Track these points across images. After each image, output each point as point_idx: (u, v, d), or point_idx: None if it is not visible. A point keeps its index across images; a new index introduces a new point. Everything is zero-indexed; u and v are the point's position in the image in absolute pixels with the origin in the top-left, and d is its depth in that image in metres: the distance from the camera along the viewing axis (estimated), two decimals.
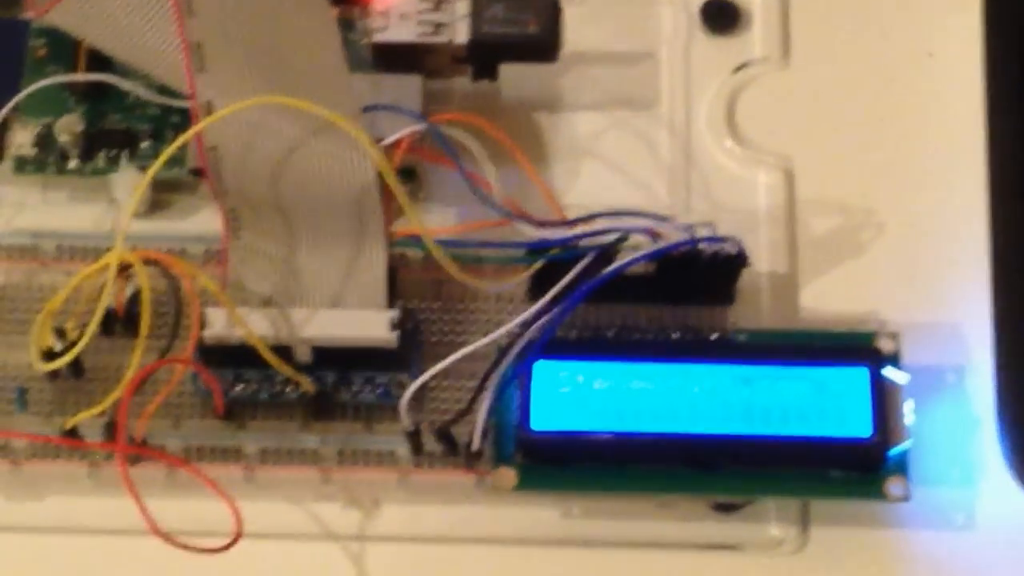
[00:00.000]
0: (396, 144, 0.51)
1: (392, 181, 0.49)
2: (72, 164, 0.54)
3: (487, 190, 0.50)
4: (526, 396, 0.50)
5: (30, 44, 0.56)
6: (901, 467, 0.50)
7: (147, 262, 0.49)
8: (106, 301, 0.49)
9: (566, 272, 0.50)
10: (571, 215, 0.51)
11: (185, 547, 0.47)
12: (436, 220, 0.54)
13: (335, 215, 0.50)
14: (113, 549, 0.50)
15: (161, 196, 0.55)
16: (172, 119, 0.55)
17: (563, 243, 0.50)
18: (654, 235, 0.50)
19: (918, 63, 0.57)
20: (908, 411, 0.50)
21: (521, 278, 0.51)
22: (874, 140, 0.56)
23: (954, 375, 0.53)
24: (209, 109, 0.49)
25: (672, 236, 0.50)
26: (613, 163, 0.56)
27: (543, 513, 0.51)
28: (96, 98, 0.55)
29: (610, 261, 0.50)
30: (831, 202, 0.55)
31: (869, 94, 0.56)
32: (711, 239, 0.50)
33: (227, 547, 0.47)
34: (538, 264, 0.51)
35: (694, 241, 0.50)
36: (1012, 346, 0.53)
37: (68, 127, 0.54)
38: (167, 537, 0.47)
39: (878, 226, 0.55)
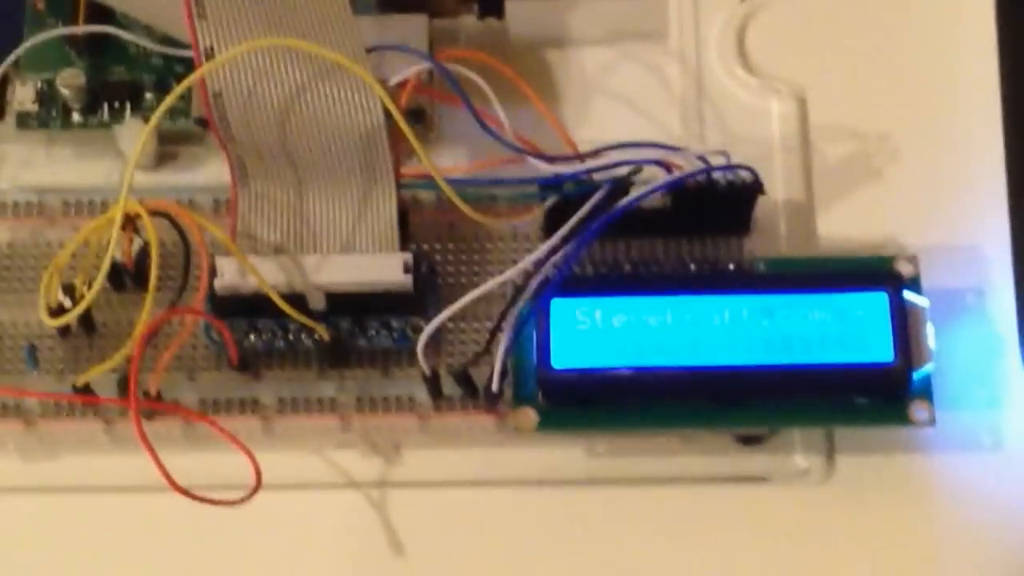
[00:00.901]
0: (403, 84, 0.50)
1: (400, 121, 0.48)
2: (76, 118, 0.54)
3: (497, 128, 0.50)
4: (544, 335, 0.49)
5: None
6: (925, 391, 0.49)
7: (154, 214, 0.49)
8: (112, 253, 0.48)
9: (580, 207, 0.49)
10: (583, 150, 0.51)
11: (205, 500, 0.46)
12: (447, 160, 0.53)
13: (343, 159, 0.49)
14: (132, 506, 0.50)
15: (167, 148, 0.54)
16: (176, 69, 0.54)
17: (576, 178, 0.50)
18: (668, 166, 0.50)
19: None
20: (930, 334, 0.49)
21: (535, 215, 0.51)
22: (886, 64, 0.55)
23: (974, 296, 0.52)
24: (210, 56, 0.48)
25: (686, 166, 0.50)
26: (624, 97, 0.55)
27: (567, 453, 0.51)
28: (97, 50, 0.54)
29: (624, 194, 0.49)
30: (845, 128, 0.54)
31: (880, 16, 0.56)
32: (725, 168, 0.50)
33: (247, 499, 0.47)
34: (551, 200, 0.50)
35: (708, 170, 0.49)
36: None
37: (70, 81, 0.53)
38: (185, 492, 0.46)
39: (893, 150, 0.54)
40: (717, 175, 0.50)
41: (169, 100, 0.48)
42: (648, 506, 0.50)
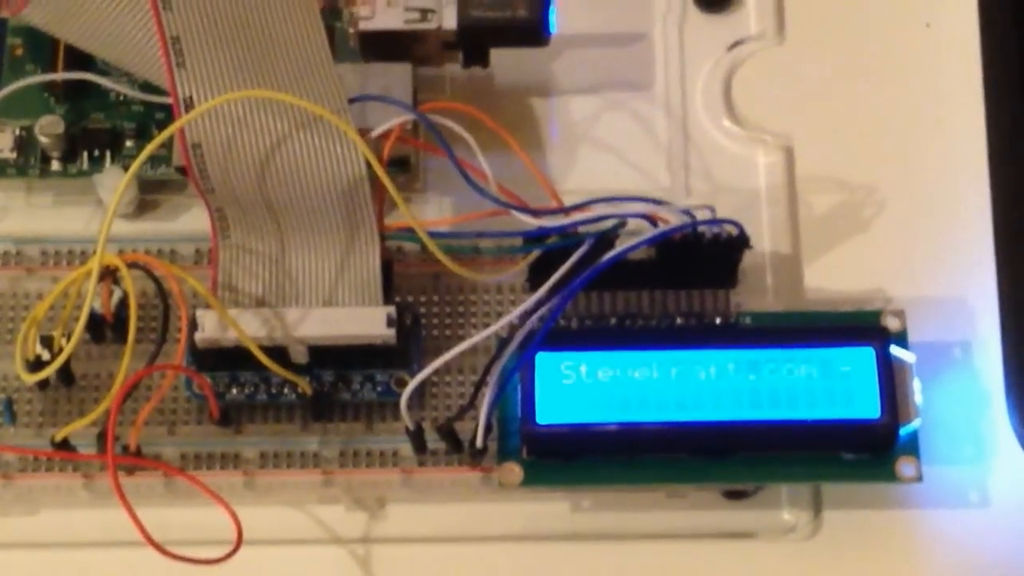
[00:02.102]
0: (386, 135, 0.50)
1: (381, 174, 0.48)
2: (55, 166, 0.53)
3: (481, 180, 0.49)
4: (529, 389, 0.49)
5: (7, 43, 0.54)
6: (912, 447, 0.49)
7: (133, 265, 0.48)
8: (89, 307, 0.48)
9: (565, 260, 0.49)
10: (569, 201, 0.50)
11: (183, 560, 0.46)
12: (433, 210, 0.53)
13: (326, 210, 0.49)
14: (113, 562, 0.49)
15: (148, 196, 0.53)
16: (157, 116, 0.53)
17: (561, 231, 0.49)
18: (653, 220, 0.49)
19: (915, 34, 0.56)
20: (916, 390, 0.49)
21: (519, 268, 0.50)
22: (873, 114, 0.55)
23: (961, 350, 0.52)
24: (189, 105, 0.48)
25: (672, 220, 0.49)
26: (610, 147, 0.55)
27: (552, 508, 0.50)
28: (77, 97, 0.54)
29: (609, 247, 0.49)
30: (832, 179, 0.54)
31: (867, 67, 0.55)
32: (711, 222, 0.49)
33: (227, 557, 0.46)
34: (536, 253, 0.50)
35: (694, 225, 0.49)
36: (1018, 319, 0.52)
37: (49, 128, 0.52)
38: (163, 550, 0.46)
39: (879, 202, 0.54)
40: (703, 229, 0.49)
41: (147, 151, 0.48)
42: (634, 562, 0.50)
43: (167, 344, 0.49)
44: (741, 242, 0.50)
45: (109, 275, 0.49)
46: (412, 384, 0.48)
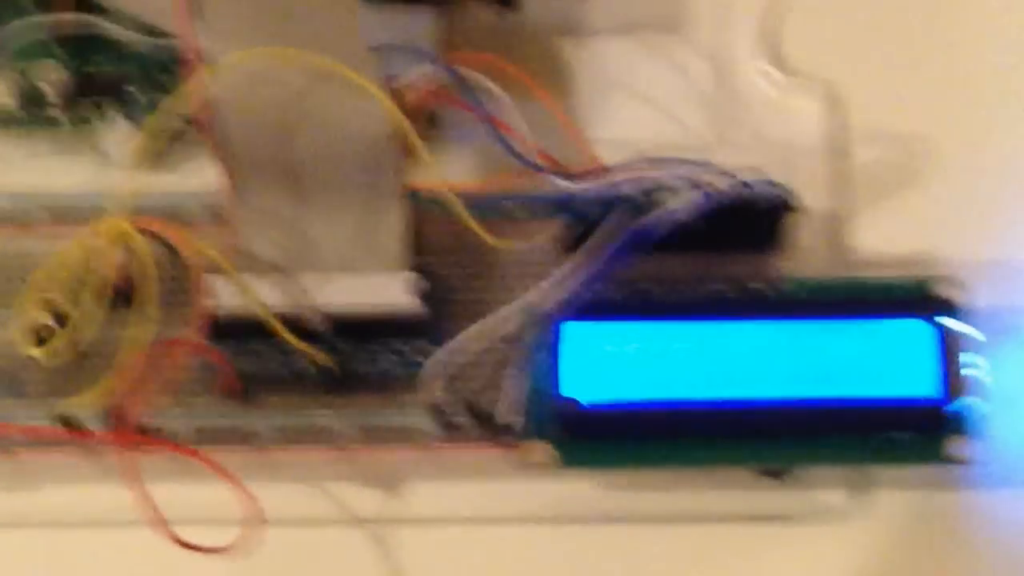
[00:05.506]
0: (412, 88, 0.47)
1: (408, 130, 0.45)
2: (56, 115, 0.50)
3: (512, 136, 0.46)
4: (560, 362, 0.46)
5: None
6: (969, 426, 0.46)
7: (145, 232, 0.46)
8: (101, 275, 0.45)
9: (601, 226, 0.46)
10: (602, 151, 0.47)
11: (195, 548, 0.44)
12: (460, 168, 0.50)
13: (348, 169, 0.46)
14: (119, 542, 0.47)
15: (156, 146, 0.50)
16: (164, 61, 0.50)
17: (597, 195, 0.46)
18: (696, 182, 0.46)
19: None
20: (976, 364, 0.46)
21: (552, 233, 0.47)
22: (929, 59, 0.52)
23: None
24: (206, 57, 0.44)
25: (716, 182, 0.46)
26: (645, 94, 0.51)
27: (582, 488, 0.48)
28: (81, 42, 0.50)
29: (648, 213, 0.46)
30: (885, 131, 0.51)
31: (925, 9, 0.52)
32: (762, 185, 0.46)
33: (242, 543, 0.44)
34: (571, 218, 0.47)
35: (740, 192, 0.46)
36: None
37: (50, 75, 0.50)
38: (171, 532, 0.44)
39: (936, 155, 0.51)
40: (748, 193, 0.46)
41: (163, 110, 0.45)
42: (669, 546, 0.47)
43: (177, 310, 0.46)
44: (789, 207, 0.47)
45: (119, 239, 0.46)
46: (437, 356, 0.46)
